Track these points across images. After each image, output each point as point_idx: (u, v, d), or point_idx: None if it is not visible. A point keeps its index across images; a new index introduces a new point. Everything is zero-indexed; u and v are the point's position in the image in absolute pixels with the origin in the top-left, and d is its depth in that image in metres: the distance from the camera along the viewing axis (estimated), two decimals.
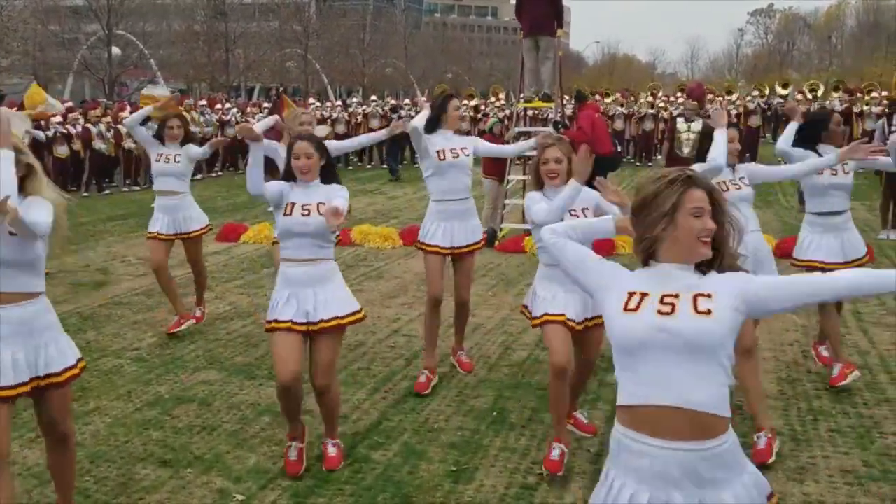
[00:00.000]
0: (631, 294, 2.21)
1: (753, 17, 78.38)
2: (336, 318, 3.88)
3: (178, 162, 6.19)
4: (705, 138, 4.69)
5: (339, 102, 24.99)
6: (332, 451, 4.13)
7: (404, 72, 53.49)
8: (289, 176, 4.01)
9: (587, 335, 4.05)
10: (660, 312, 2.14)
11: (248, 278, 8.04)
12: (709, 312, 2.11)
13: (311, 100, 24.46)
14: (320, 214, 3.80)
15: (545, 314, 3.98)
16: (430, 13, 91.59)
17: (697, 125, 10.11)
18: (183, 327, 6.25)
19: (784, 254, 8.60)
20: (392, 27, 58.76)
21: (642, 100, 23.00)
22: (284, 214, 3.90)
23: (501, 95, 25.94)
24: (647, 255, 2.26)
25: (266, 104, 24.95)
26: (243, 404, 4.89)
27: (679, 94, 25.87)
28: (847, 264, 4.92)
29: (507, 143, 10.61)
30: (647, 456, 2.13)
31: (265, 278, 8.22)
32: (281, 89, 18.50)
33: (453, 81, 49.58)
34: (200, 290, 6.64)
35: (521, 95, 10.94)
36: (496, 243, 9.58)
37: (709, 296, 2.15)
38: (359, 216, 12.27)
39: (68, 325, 6.50)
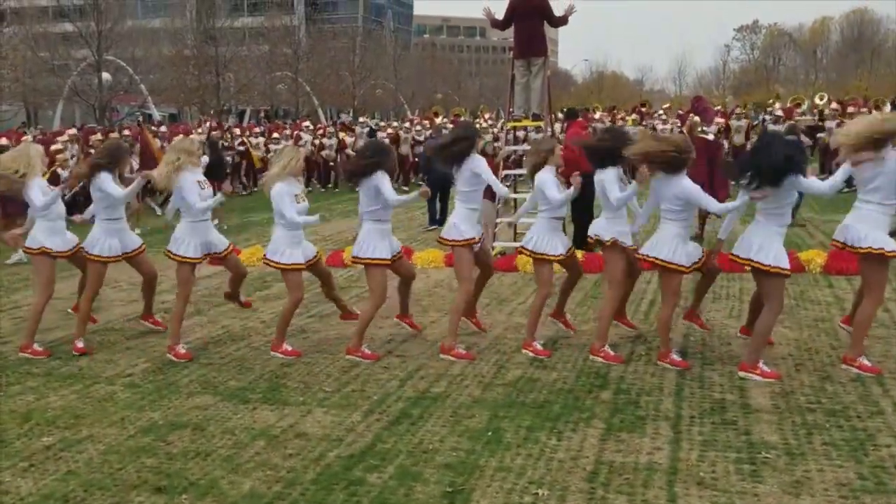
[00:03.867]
0: None
1: (739, 33, 79.21)
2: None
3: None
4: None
5: (329, 123, 25.05)
6: None
7: (394, 92, 53.76)
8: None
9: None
10: None
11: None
12: None
13: (307, 123, 24.51)
14: None
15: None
16: (420, 34, 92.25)
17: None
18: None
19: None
20: (381, 48, 59.09)
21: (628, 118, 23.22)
22: None
23: (487, 115, 26.04)
24: None
25: (257, 128, 24.99)
26: (237, 429, 4.87)
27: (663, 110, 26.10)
28: None
29: (499, 163, 10.68)
30: None
31: (257, 301, 8.21)
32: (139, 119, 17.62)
33: (443, 101, 49.83)
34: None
35: (511, 114, 11.01)
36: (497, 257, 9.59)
37: None
38: (352, 237, 12.28)
39: (61, 352, 6.56)
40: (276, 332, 6.40)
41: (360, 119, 24.66)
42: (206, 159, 7.37)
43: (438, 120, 23.69)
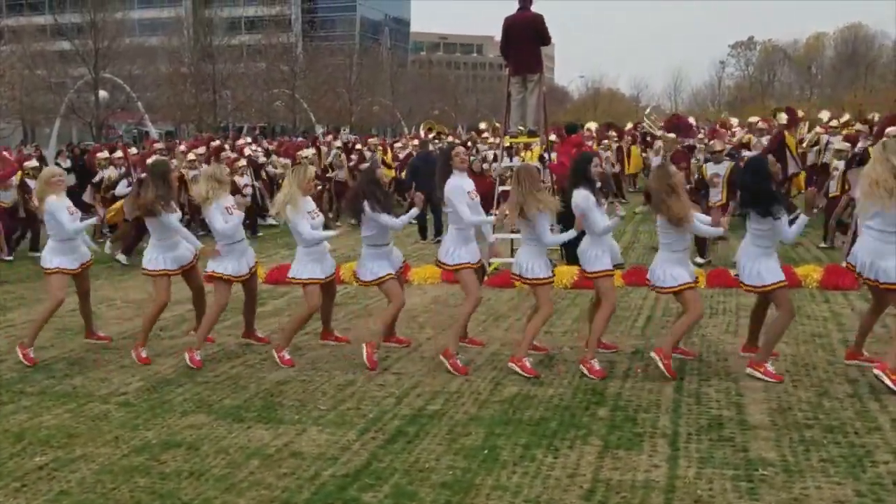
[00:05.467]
0: None
1: (734, 49, 79.66)
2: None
3: None
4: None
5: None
6: None
7: (391, 109, 53.95)
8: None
9: None
10: None
11: (235, 319, 7.99)
12: None
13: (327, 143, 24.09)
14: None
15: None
16: (416, 51, 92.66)
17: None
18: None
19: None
20: (378, 66, 59.33)
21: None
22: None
23: (486, 134, 25.16)
24: None
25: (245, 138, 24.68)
26: (232, 448, 4.84)
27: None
28: None
29: (494, 180, 10.72)
30: None
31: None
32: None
33: (440, 118, 50.01)
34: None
35: (507, 130, 11.04)
36: (486, 278, 9.57)
37: None
38: (348, 254, 12.28)
39: (55, 371, 6.52)
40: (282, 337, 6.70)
41: (320, 132, 23.74)
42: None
43: (432, 135, 23.43)
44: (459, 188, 6.31)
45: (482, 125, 22.23)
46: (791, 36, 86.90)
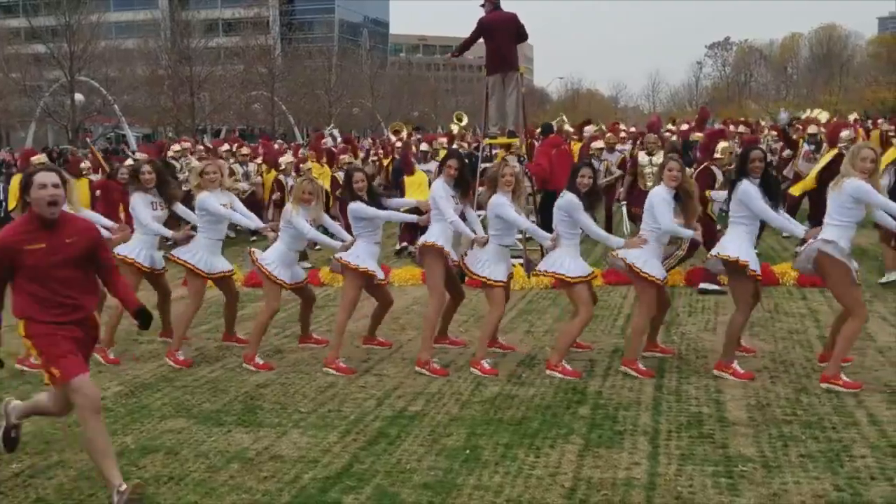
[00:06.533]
0: None
1: (711, 50, 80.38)
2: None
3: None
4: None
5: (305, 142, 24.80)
6: None
7: (371, 111, 53.82)
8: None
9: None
10: None
11: (215, 323, 7.94)
12: None
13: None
14: None
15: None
16: (396, 53, 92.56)
17: (658, 158, 10.33)
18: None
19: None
20: (358, 67, 59.16)
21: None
22: None
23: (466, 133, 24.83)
24: None
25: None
26: (211, 452, 4.80)
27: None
28: None
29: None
30: None
31: None
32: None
33: (420, 119, 49.96)
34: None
35: (486, 131, 11.05)
36: (465, 278, 9.56)
37: None
38: (327, 256, 12.23)
39: (31, 376, 6.42)
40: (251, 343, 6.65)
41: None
42: None
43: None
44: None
45: (460, 123, 21.70)
46: (767, 36, 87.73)
